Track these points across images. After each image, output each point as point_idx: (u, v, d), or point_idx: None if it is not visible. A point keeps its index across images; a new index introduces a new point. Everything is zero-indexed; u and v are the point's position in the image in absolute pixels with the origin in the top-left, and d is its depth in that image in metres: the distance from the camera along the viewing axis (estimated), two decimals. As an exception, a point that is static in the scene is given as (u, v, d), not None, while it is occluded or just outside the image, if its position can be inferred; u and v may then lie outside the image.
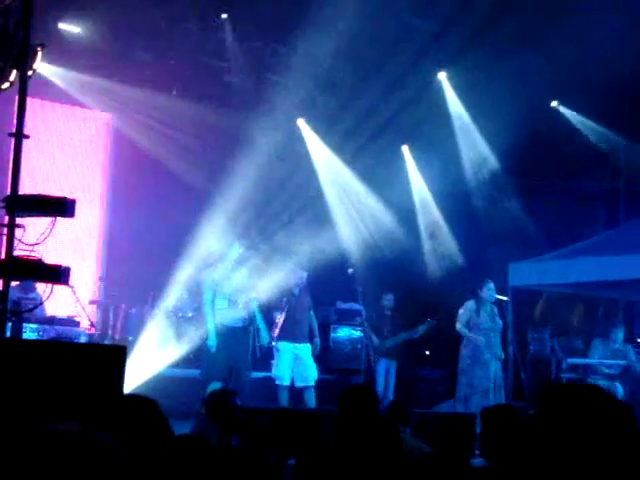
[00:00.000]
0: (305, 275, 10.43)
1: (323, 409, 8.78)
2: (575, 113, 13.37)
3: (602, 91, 11.28)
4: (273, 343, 10.02)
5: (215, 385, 8.69)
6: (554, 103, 13.42)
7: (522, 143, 12.76)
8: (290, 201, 13.41)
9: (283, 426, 4.47)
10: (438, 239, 14.61)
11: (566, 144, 13.46)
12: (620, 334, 11.37)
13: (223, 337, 8.93)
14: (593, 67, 10.98)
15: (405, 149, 15.08)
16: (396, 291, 11.98)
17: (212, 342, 8.99)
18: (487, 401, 9.94)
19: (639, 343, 12.82)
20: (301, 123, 14.01)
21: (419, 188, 14.94)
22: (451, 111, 13.48)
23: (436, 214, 14.69)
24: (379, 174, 13.95)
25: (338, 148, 13.95)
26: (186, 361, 11.13)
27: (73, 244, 12.55)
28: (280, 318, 9.98)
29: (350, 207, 14.03)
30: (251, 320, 9.26)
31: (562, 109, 13.43)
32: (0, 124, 8.94)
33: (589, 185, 14.43)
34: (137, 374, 9.26)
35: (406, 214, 14.59)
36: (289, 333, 9.96)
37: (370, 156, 13.69)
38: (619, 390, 10.72)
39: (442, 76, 13.28)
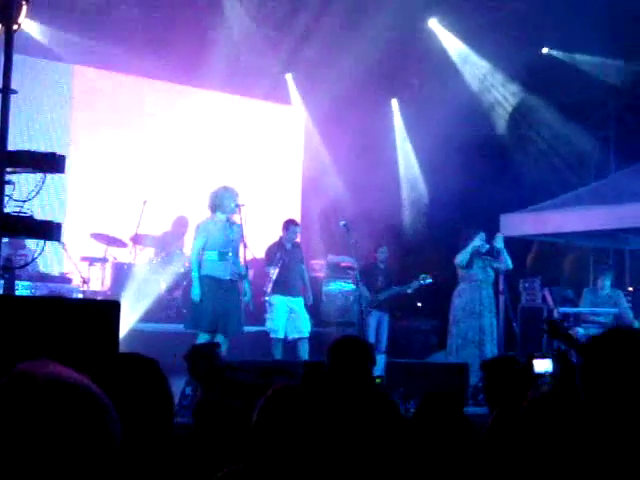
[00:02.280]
0: (297, 229, 10.43)
1: (312, 361, 8.83)
2: (568, 53, 13.24)
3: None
4: (267, 297, 10.05)
5: (203, 338, 8.71)
6: (545, 50, 13.31)
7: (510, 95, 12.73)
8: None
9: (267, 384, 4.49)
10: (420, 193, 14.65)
11: (557, 93, 13.39)
12: (607, 281, 11.43)
13: (211, 289, 8.89)
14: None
15: (394, 103, 15.04)
16: (388, 244, 11.99)
17: (196, 291, 8.93)
18: (482, 352, 10.00)
19: (629, 291, 12.91)
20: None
21: (403, 142, 14.97)
22: (448, 49, 13.27)
23: (417, 171, 14.72)
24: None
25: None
26: (180, 316, 11.15)
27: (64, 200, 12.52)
28: (273, 272, 9.99)
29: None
30: (241, 275, 9.22)
31: (554, 52, 13.30)
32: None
33: (580, 134, 14.38)
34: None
35: (393, 169, 14.63)
36: (282, 287, 9.99)
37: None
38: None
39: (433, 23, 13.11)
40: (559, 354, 5.88)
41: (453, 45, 13.25)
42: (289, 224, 10.40)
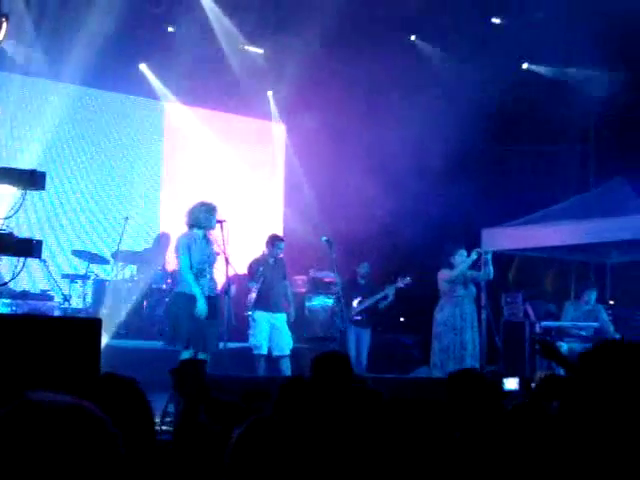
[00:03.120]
0: (282, 245, 10.39)
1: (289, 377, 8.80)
2: (549, 67, 13.33)
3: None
4: (249, 313, 10.01)
5: (186, 354, 8.64)
6: (525, 65, 13.41)
7: (494, 108, 12.78)
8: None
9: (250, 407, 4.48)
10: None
11: (536, 108, 13.47)
12: (593, 295, 11.47)
13: (188, 306, 8.78)
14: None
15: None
16: (369, 259, 12.00)
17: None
18: (464, 367, 10.01)
19: (610, 305, 12.97)
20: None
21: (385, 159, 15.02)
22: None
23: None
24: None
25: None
26: (161, 333, 11.11)
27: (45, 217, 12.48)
28: (256, 288, 9.96)
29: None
30: (224, 291, 9.16)
31: (535, 68, 13.39)
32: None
33: (559, 149, 14.48)
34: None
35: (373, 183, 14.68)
36: (265, 303, 9.95)
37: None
38: (590, 352, 10.82)
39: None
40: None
41: (434, 56, 13.34)
42: (274, 239, 10.35)
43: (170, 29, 12.62)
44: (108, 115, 13.31)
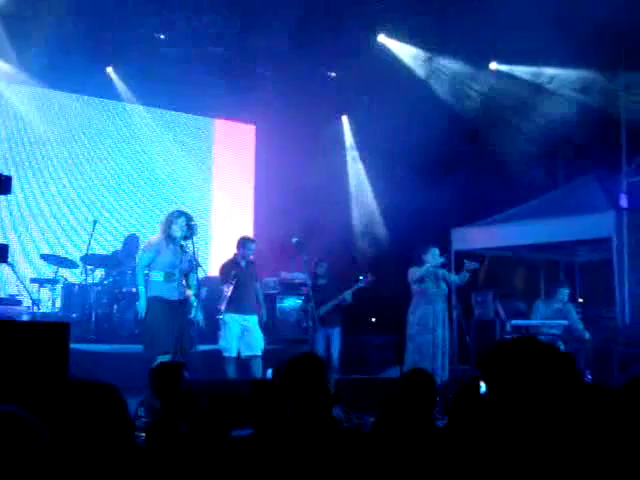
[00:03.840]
0: (253, 246, 10.36)
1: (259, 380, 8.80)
2: (519, 67, 13.41)
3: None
4: (220, 315, 9.98)
5: (161, 359, 8.59)
6: (494, 65, 13.47)
7: (464, 108, 12.84)
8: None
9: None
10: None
11: (506, 108, 13.54)
12: (565, 293, 11.54)
13: (161, 311, 8.76)
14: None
15: (344, 119, 15.14)
16: (338, 261, 12.01)
17: (142, 305, 8.73)
18: (434, 366, 10.05)
19: (580, 303, 13.07)
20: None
21: (354, 158, 15.08)
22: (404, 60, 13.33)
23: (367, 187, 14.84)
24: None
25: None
26: (132, 337, 11.06)
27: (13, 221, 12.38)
28: (227, 290, 9.92)
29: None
30: (194, 294, 9.12)
31: (503, 68, 13.46)
32: None
33: (528, 149, 14.56)
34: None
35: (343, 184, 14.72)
36: (236, 305, 9.91)
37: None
38: (561, 349, 10.91)
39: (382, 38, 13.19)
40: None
41: (409, 55, 13.34)
42: (245, 241, 10.33)
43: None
44: (75, 118, 13.22)
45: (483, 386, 5.89)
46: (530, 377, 2.25)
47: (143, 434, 6.30)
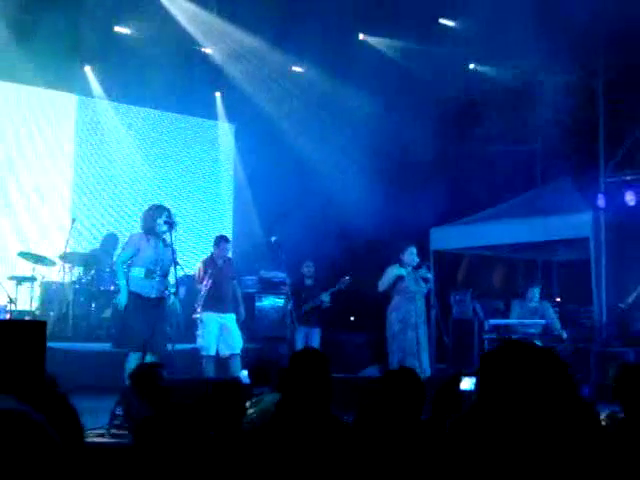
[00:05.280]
0: (228, 245, 10.37)
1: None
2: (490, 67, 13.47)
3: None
4: (197, 315, 9.95)
5: (134, 357, 8.55)
6: (472, 66, 13.53)
7: (444, 109, 12.87)
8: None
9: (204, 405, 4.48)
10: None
11: (485, 109, 13.58)
12: (536, 292, 11.58)
13: (137, 307, 8.71)
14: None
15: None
16: (317, 259, 12.01)
17: (123, 299, 8.65)
18: (421, 363, 10.06)
19: (558, 302, 13.15)
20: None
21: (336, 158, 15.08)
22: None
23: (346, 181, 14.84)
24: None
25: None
26: (110, 336, 11.01)
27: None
28: (204, 289, 9.90)
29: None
30: (168, 292, 9.07)
31: (482, 69, 13.52)
32: None
33: (508, 149, 14.62)
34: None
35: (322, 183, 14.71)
36: (214, 304, 9.89)
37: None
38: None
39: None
40: None
41: (385, 54, 13.37)
42: (220, 240, 10.33)
43: (117, 29, 12.49)
44: (53, 115, 13.14)
45: (464, 383, 5.89)
46: (529, 382, 2.23)
47: (115, 431, 6.33)
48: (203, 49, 13.27)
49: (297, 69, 13.94)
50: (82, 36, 11.96)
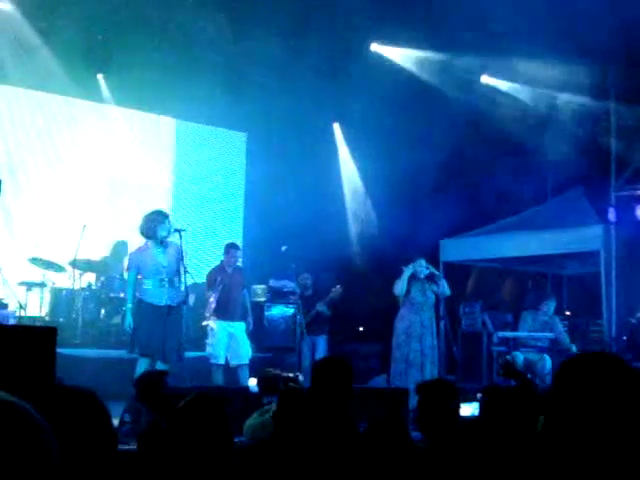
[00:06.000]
0: (238, 253, 10.38)
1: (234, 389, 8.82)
2: (505, 81, 13.47)
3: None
4: (207, 322, 9.97)
5: (143, 364, 8.59)
6: (484, 78, 13.52)
7: (454, 122, 12.87)
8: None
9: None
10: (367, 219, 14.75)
11: (494, 120, 13.57)
12: (552, 306, 11.58)
13: (147, 315, 8.76)
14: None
15: (336, 127, 15.15)
16: (327, 269, 12.03)
17: (128, 320, 8.82)
18: (423, 375, 10.05)
19: (567, 316, 13.11)
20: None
21: (349, 169, 15.09)
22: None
23: (362, 193, 14.85)
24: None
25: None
26: (117, 342, 11.03)
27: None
28: (214, 297, 9.91)
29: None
30: (180, 300, 9.09)
31: (492, 81, 13.51)
32: None
33: (517, 161, 14.60)
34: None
35: (336, 194, 14.72)
36: (223, 312, 9.91)
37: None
38: (547, 362, 10.95)
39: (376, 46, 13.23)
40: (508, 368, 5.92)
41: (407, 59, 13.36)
42: (230, 248, 10.35)
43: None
44: (67, 122, 13.19)
45: (465, 410, 5.87)
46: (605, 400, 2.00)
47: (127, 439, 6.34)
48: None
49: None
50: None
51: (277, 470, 3.28)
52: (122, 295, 11.42)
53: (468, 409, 6.12)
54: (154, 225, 8.80)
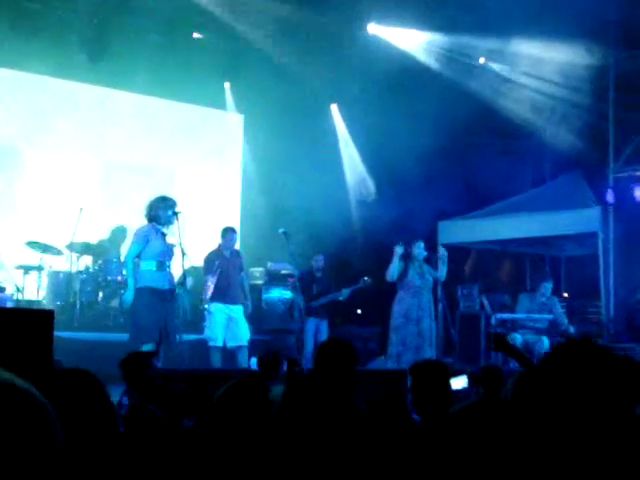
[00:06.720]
0: (235, 236, 10.37)
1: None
2: (504, 64, 13.41)
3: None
4: (205, 305, 9.96)
5: (146, 348, 8.59)
6: (482, 60, 13.47)
7: (454, 103, 12.83)
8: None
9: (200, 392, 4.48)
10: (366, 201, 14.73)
11: (494, 102, 13.53)
12: (549, 287, 11.58)
13: (152, 301, 8.74)
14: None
15: (334, 108, 15.10)
16: (326, 252, 11.99)
17: (129, 296, 8.72)
18: (420, 358, 10.05)
19: (565, 297, 13.12)
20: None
21: (349, 151, 15.07)
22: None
23: (364, 174, 14.83)
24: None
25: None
26: (117, 325, 11.03)
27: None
28: (212, 280, 9.91)
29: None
30: (179, 283, 9.08)
31: (490, 63, 13.46)
32: None
33: (516, 143, 14.58)
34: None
35: (336, 176, 14.68)
36: (221, 295, 9.91)
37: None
38: (545, 344, 10.96)
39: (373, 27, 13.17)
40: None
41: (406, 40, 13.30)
42: (227, 231, 10.33)
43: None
44: (63, 105, 13.13)
45: (455, 383, 5.86)
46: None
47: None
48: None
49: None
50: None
51: (281, 454, 3.27)
52: (120, 278, 11.40)
53: (458, 382, 6.09)
54: (159, 210, 8.82)
